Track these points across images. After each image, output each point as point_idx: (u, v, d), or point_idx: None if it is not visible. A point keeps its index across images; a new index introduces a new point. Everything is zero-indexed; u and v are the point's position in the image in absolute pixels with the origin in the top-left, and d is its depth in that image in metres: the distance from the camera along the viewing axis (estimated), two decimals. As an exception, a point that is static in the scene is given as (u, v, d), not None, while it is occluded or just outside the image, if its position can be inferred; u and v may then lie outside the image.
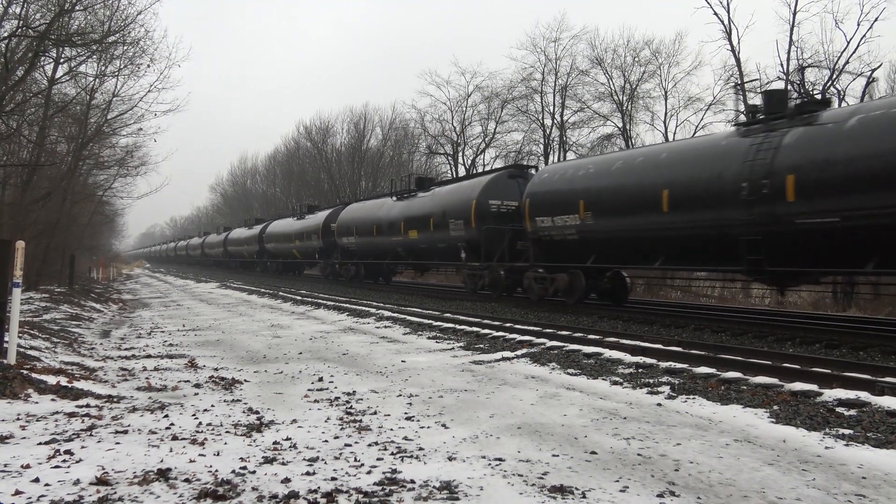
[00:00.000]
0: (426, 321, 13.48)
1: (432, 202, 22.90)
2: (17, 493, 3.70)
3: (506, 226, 19.11)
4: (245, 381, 7.56)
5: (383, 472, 4.19)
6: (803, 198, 10.73)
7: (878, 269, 10.49)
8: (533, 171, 21.17)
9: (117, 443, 4.80)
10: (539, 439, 5.05)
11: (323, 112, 72.56)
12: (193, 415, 5.78)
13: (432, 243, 22.62)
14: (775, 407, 6.06)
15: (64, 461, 4.31)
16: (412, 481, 4.02)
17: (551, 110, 39.00)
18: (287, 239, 38.95)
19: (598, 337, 10.39)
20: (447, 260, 23.22)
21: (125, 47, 17.96)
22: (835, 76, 26.26)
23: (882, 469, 4.35)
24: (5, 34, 13.61)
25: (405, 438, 5.04)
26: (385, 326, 13.45)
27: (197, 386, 7.21)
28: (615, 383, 7.39)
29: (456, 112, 45.09)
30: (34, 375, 6.75)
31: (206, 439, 4.95)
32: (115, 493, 3.75)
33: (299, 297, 21.44)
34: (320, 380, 7.57)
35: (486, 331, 11.70)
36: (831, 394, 6.30)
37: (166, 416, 5.71)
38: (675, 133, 34.76)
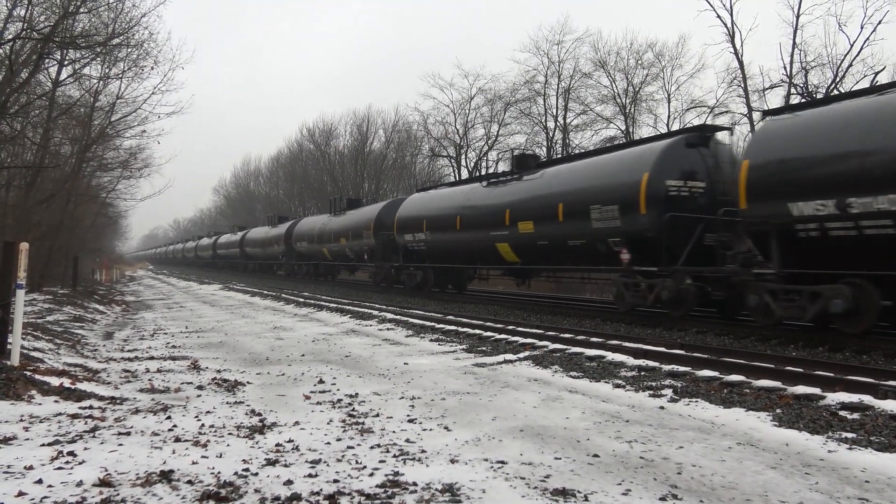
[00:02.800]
0: (428, 323, 13.48)
1: (550, 185, 16.98)
2: (21, 494, 3.71)
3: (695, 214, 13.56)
4: (247, 382, 7.57)
5: (385, 475, 4.19)
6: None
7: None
8: (726, 136, 15.57)
9: (120, 444, 4.80)
10: (541, 442, 5.05)
11: (326, 114, 72.89)
12: (196, 416, 5.79)
13: (559, 239, 16.46)
14: (778, 410, 6.04)
15: (67, 462, 4.32)
16: (414, 483, 4.02)
17: (554, 113, 39.09)
18: (324, 239, 33.98)
19: (600, 340, 10.39)
20: (584, 262, 16.70)
21: (129, 50, 18.06)
22: (838, 79, 26.25)
23: (885, 473, 4.34)
24: (10, 36, 13.67)
25: (407, 441, 5.04)
26: (388, 329, 13.45)
27: (199, 388, 7.22)
28: (618, 386, 7.38)
29: (459, 114, 45.21)
30: (37, 377, 6.76)
31: (208, 441, 4.95)
32: (118, 494, 3.76)
33: (302, 300, 21.47)
34: (322, 382, 7.58)
35: (489, 333, 11.70)
36: (834, 397, 6.28)
37: (169, 417, 5.72)
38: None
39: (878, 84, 12.85)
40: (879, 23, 25.70)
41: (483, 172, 40.33)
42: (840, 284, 10.22)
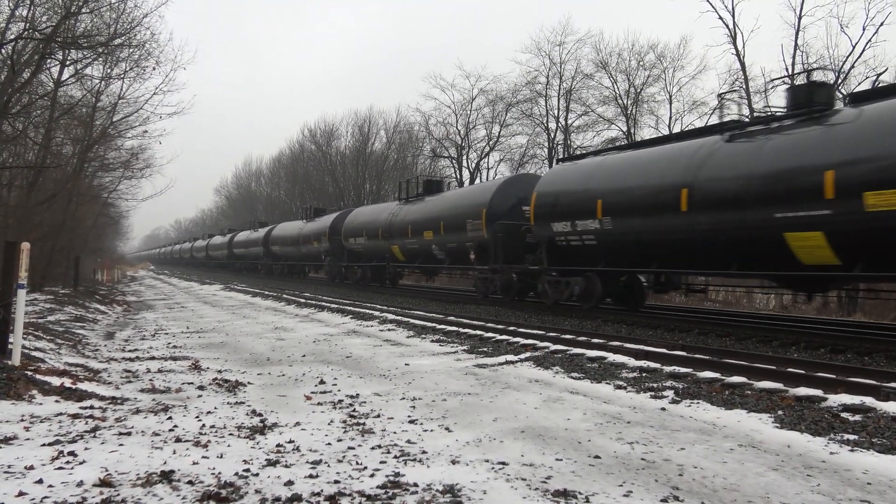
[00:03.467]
0: (429, 324, 13.47)
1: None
2: (21, 494, 3.71)
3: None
4: (248, 383, 7.56)
5: (386, 476, 4.18)
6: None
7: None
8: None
9: (121, 444, 4.80)
10: (542, 443, 5.04)
11: (327, 115, 72.56)
12: (197, 417, 5.78)
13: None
14: (780, 412, 6.03)
15: (67, 462, 4.32)
16: (415, 484, 4.01)
17: (556, 114, 39.08)
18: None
19: (601, 341, 10.38)
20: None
21: (131, 50, 18.09)
22: (840, 80, 26.22)
23: (887, 475, 4.33)
24: (12, 37, 13.69)
25: (408, 441, 5.04)
26: (389, 329, 13.45)
27: (200, 388, 7.21)
28: (619, 387, 7.37)
29: (460, 115, 45.22)
30: (38, 376, 6.76)
31: (209, 441, 4.95)
32: (119, 494, 3.75)
33: (303, 300, 21.46)
34: (323, 382, 7.57)
35: (490, 334, 11.69)
36: (836, 399, 6.27)
37: (170, 417, 5.72)
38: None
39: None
40: (881, 24, 25.67)
41: (484, 174, 40.45)
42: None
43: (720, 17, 29.66)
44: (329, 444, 4.96)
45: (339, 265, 32.63)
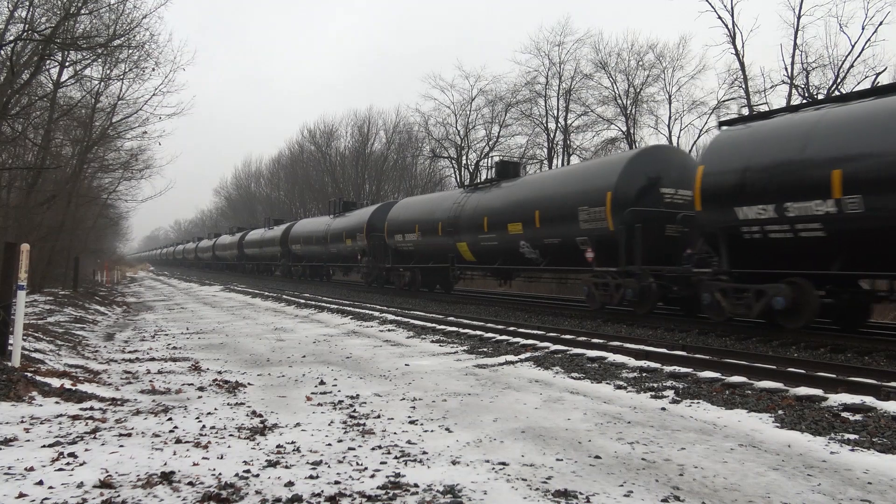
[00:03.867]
0: (429, 325, 13.47)
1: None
2: (21, 495, 3.70)
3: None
4: (248, 384, 7.56)
5: (387, 476, 4.18)
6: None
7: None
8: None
9: (121, 446, 4.79)
10: (543, 443, 5.04)
11: (327, 116, 72.69)
12: (197, 418, 5.78)
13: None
14: (780, 412, 6.03)
15: (68, 464, 4.31)
16: (416, 485, 4.01)
17: (555, 114, 39.06)
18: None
19: (601, 341, 10.38)
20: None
21: (130, 51, 18.01)
22: (839, 80, 26.24)
23: (888, 474, 4.33)
24: (11, 38, 13.67)
25: (409, 442, 5.04)
26: (388, 330, 13.45)
27: (200, 389, 7.21)
28: (619, 387, 7.37)
29: (460, 116, 45.18)
30: (38, 378, 6.76)
31: (209, 442, 4.95)
32: (119, 496, 3.75)
33: (303, 301, 21.46)
34: (323, 383, 7.57)
35: (490, 334, 11.69)
36: (837, 398, 6.27)
37: (170, 419, 5.72)
38: (678, 136, 34.77)
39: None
40: (881, 24, 25.68)
41: (484, 174, 40.36)
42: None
43: (719, 17, 29.70)
44: (329, 444, 4.96)
45: (381, 266, 27.05)
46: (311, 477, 4.16)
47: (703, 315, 13.50)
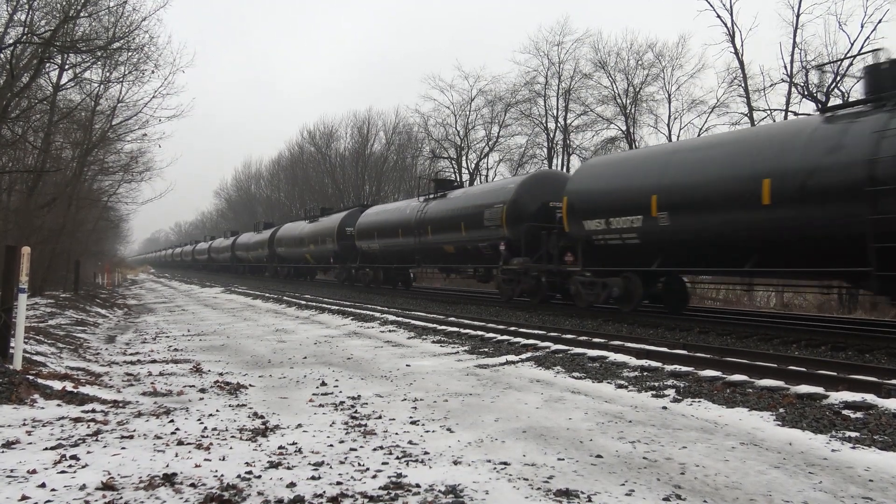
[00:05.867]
0: (430, 325, 13.48)
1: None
2: (24, 498, 3.71)
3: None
4: (250, 385, 7.57)
5: (388, 477, 4.18)
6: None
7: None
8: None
9: (123, 448, 4.80)
10: (544, 443, 5.04)
11: (327, 117, 72.68)
12: (199, 420, 5.79)
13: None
14: (781, 410, 6.04)
15: (70, 466, 4.32)
16: (417, 485, 4.02)
17: (555, 114, 39.08)
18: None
19: (602, 340, 10.38)
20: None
21: (130, 53, 18.03)
22: (839, 78, 26.25)
23: (889, 472, 4.33)
24: (10, 41, 13.69)
25: (410, 443, 5.04)
26: (389, 331, 13.45)
27: (202, 391, 7.22)
28: (620, 387, 7.37)
29: (459, 116, 45.22)
30: (40, 380, 6.76)
31: (211, 444, 4.95)
32: (121, 498, 3.76)
33: (303, 302, 21.46)
34: (325, 384, 7.58)
35: (491, 334, 11.69)
36: (837, 396, 6.27)
37: (172, 420, 5.72)
38: (678, 136, 34.77)
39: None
40: (880, 21, 25.72)
41: (484, 174, 40.40)
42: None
43: (718, 16, 29.76)
44: (331, 445, 4.96)
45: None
46: (312, 478, 4.17)
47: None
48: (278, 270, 44.29)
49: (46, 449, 4.71)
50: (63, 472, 4.20)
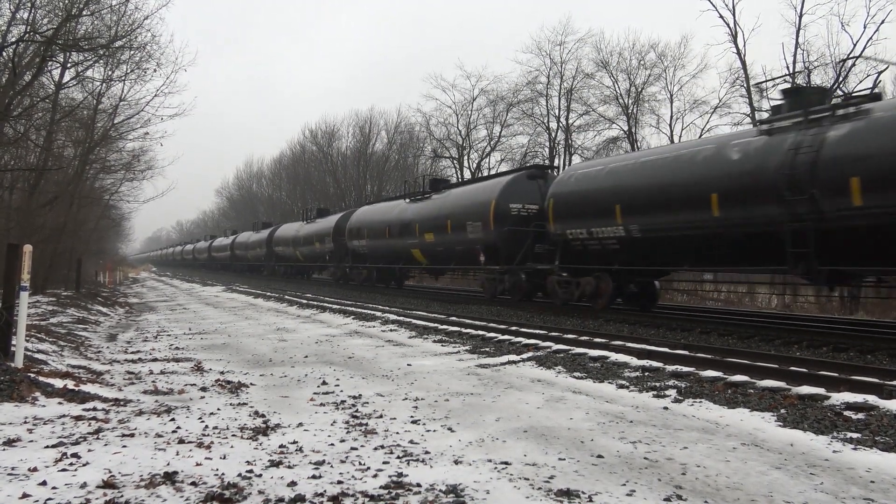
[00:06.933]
0: (431, 324, 13.47)
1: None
2: (25, 496, 3.71)
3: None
4: (251, 384, 7.57)
5: (389, 476, 4.18)
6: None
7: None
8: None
9: (124, 446, 4.80)
10: (545, 443, 5.04)
11: (329, 116, 72.68)
12: (200, 418, 5.79)
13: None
14: (782, 410, 6.03)
15: (71, 464, 4.32)
16: (418, 485, 4.01)
17: (557, 114, 39.03)
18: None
19: (604, 340, 10.37)
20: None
21: (132, 52, 18.00)
22: (841, 78, 26.20)
23: (891, 473, 4.32)
24: (13, 39, 13.68)
25: (411, 442, 5.04)
26: (391, 330, 13.45)
27: (203, 389, 7.22)
28: (621, 387, 7.37)
29: (461, 116, 45.17)
30: (41, 379, 6.77)
31: (212, 443, 4.96)
32: (122, 496, 3.76)
33: (305, 301, 21.47)
34: (326, 383, 7.58)
35: (492, 334, 11.68)
36: (839, 397, 6.26)
37: (173, 419, 5.72)
38: (680, 136, 34.74)
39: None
40: (882, 22, 25.66)
41: (485, 174, 40.35)
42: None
43: (721, 16, 29.67)
44: (332, 444, 4.96)
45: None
46: (313, 477, 4.17)
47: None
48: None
49: (47, 447, 4.72)
50: (64, 470, 4.20)
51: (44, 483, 3.93)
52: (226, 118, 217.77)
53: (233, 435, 5.23)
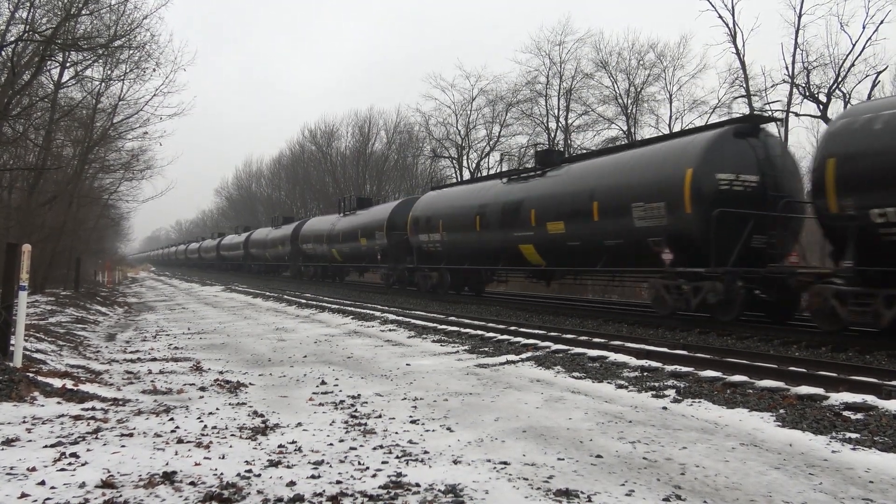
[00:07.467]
0: (430, 324, 13.47)
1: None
2: (23, 495, 3.71)
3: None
4: (250, 384, 7.57)
5: (388, 476, 4.18)
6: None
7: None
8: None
9: (123, 446, 4.80)
10: (544, 443, 5.04)
11: (328, 116, 72.67)
12: (199, 418, 5.79)
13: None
14: (781, 410, 6.03)
15: (69, 464, 4.32)
16: (417, 485, 4.01)
17: (556, 113, 39.01)
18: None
19: (602, 340, 10.37)
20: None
21: (131, 51, 18.05)
22: (840, 79, 26.23)
23: (890, 473, 4.32)
24: (12, 39, 13.67)
25: (410, 442, 5.04)
26: (390, 330, 13.45)
27: (202, 389, 7.22)
28: (620, 387, 7.37)
29: (460, 115, 45.14)
30: (40, 378, 6.76)
31: (211, 442, 4.95)
32: (121, 496, 3.76)
33: (304, 301, 21.47)
34: (325, 383, 7.57)
35: (491, 334, 11.68)
36: (838, 397, 6.26)
37: (171, 419, 5.72)
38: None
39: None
40: (881, 22, 25.66)
41: (485, 173, 40.31)
42: None
43: (720, 16, 29.65)
44: (331, 444, 4.96)
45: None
46: (312, 477, 4.17)
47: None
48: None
49: (46, 447, 4.71)
50: (63, 469, 4.20)
51: (42, 483, 3.92)
52: (225, 118, 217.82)
53: (232, 435, 5.22)
